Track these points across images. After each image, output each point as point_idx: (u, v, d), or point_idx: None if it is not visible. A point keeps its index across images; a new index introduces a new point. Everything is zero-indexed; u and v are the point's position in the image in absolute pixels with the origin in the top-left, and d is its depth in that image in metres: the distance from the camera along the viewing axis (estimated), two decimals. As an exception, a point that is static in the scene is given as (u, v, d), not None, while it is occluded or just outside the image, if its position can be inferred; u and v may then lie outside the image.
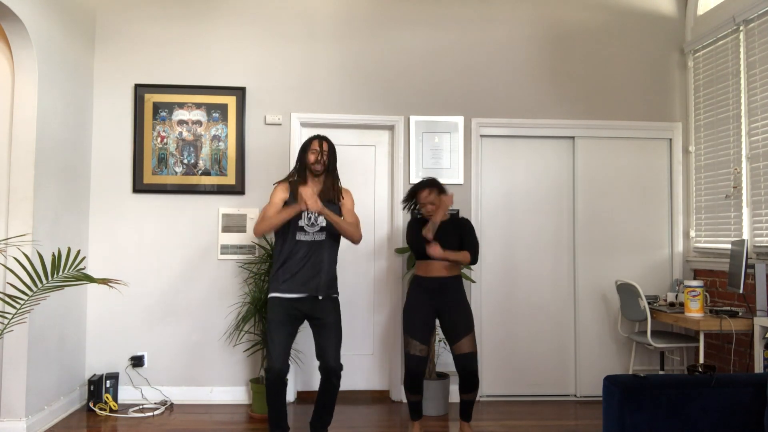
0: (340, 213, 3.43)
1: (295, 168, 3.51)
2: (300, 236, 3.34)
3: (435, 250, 3.44)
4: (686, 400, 2.41)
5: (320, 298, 3.33)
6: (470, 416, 3.65)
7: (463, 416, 3.65)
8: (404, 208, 3.77)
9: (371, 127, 4.73)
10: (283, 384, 3.26)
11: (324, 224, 3.37)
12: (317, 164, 3.38)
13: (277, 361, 3.22)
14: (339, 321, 3.39)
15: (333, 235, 3.41)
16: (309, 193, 3.20)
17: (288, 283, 3.31)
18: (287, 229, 3.35)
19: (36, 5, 3.66)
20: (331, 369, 3.28)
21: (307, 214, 3.34)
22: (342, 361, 3.36)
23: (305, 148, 3.44)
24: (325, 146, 3.40)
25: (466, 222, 3.67)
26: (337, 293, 3.45)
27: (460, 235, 3.60)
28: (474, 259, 3.55)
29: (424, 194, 3.57)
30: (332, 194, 3.43)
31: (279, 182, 3.49)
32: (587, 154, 4.77)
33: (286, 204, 3.38)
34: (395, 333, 4.61)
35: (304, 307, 3.33)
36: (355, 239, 3.42)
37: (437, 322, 3.65)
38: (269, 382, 3.23)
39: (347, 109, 4.66)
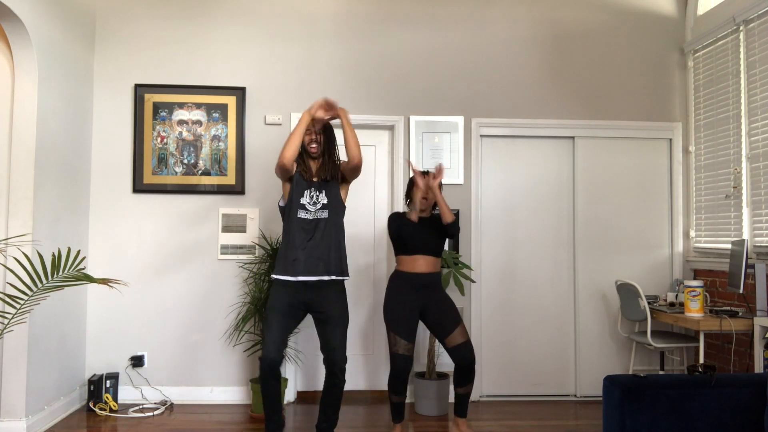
0: (338, 191, 3.37)
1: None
2: (302, 214, 3.27)
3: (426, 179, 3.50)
4: (686, 400, 2.41)
5: (328, 279, 3.24)
6: (466, 412, 3.59)
7: (459, 412, 3.59)
8: (406, 201, 3.73)
9: (371, 127, 4.74)
10: (276, 375, 3.19)
11: (325, 201, 3.30)
12: (312, 144, 3.31)
13: (271, 350, 3.15)
14: (345, 312, 3.29)
15: (336, 211, 3.33)
16: (320, 102, 3.22)
17: (294, 264, 3.22)
18: (290, 209, 3.30)
19: (36, 5, 3.66)
20: (335, 362, 3.22)
21: (310, 192, 3.30)
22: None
23: None
24: (319, 126, 3.31)
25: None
26: (347, 275, 3.33)
27: (442, 229, 3.56)
28: (455, 223, 3.50)
29: (421, 179, 3.55)
30: (331, 172, 3.34)
31: None
32: (587, 154, 4.78)
33: (291, 184, 3.32)
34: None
35: (307, 296, 3.24)
36: (357, 155, 3.26)
37: (421, 320, 3.59)
38: (262, 372, 3.17)
39: (347, 108, 4.65)
